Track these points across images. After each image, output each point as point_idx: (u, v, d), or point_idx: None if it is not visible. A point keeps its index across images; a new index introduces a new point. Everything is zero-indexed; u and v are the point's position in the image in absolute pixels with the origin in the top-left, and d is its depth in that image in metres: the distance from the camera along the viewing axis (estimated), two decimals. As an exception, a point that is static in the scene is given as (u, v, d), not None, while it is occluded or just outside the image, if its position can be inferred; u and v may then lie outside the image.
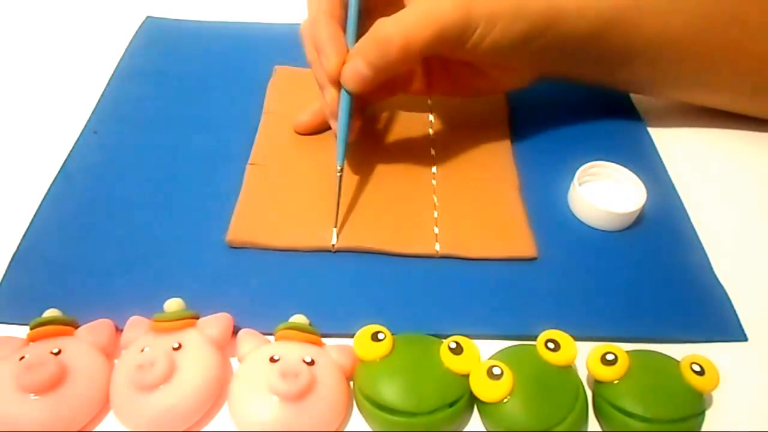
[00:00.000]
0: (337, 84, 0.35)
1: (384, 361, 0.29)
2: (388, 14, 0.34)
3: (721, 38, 0.39)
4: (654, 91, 0.44)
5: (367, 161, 0.40)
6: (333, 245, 0.35)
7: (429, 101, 0.45)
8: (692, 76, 0.42)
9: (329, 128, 0.40)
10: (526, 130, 0.43)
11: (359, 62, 0.34)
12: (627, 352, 0.29)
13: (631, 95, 0.47)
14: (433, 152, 0.41)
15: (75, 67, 0.48)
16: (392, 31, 0.33)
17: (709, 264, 0.35)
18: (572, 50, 0.39)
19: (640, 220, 0.37)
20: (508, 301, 0.33)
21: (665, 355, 0.30)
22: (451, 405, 0.28)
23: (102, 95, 0.45)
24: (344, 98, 0.35)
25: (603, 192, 0.38)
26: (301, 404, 0.27)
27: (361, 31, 0.35)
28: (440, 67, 0.40)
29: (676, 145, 0.43)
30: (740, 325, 0.33)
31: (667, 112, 0.46)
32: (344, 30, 0.36)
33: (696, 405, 0.28)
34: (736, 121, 0.45)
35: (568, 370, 0.29)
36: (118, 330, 0.31)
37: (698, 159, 0.43)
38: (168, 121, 0.43)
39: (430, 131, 0.43)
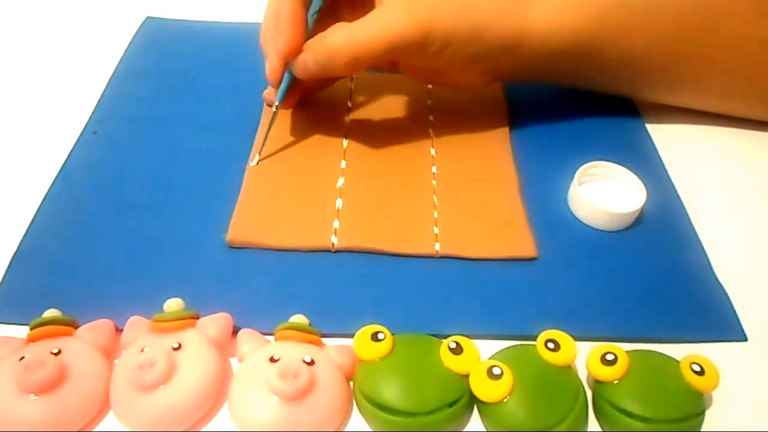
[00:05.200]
0: (283, 61, 0.37)
1: (384, 361, 0.29)
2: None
3: (693, 52, 0.39)
4: (637, 96, 0.45)
5: (367, 161, 0.40)
6: (333, 245, 0.35)
7: (429, 101, 0.45)
8: (672, 86, 0.42)
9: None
10: (526, 130, 0.43)
11: (309, 59, 0.36)
12: (627, 352, 0.29)
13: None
14: (433, 152, 0.41)
15: (75, 67, 0.48)
16: (343, 46, 0.34)
17: (709, 264, 0.35)
18: (544, 66, 0.39)
19: (640, 220, 0.37)
20: (508, 301, 0.33)
21: (665, 355, 0.30)
22: (451, 405, 0.28)
23: (102, 95, 0.45)
24: (288, 74, 0.38)
25: (603, 192, 0.38)
26: (301, 404, 0.27)
27: (325, 14, 0.38)
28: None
29: (676, 145, 0.43)
30: (740, 325, 0.33)
31: (667, 112, 0.45)
32: (307, 9, 0.38)
33: (696, 405, 0.28)
34: (736, 121, 0.45)
35: (568, 370, 0.29)
36: (118, 330, 0.31)
37: (698, 159, 0.43)
38: (168, 121, 0.43)
39: (430, 131, 0.43)
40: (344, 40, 0.34)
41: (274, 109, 0.39)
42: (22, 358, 0.28)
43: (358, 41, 0.34)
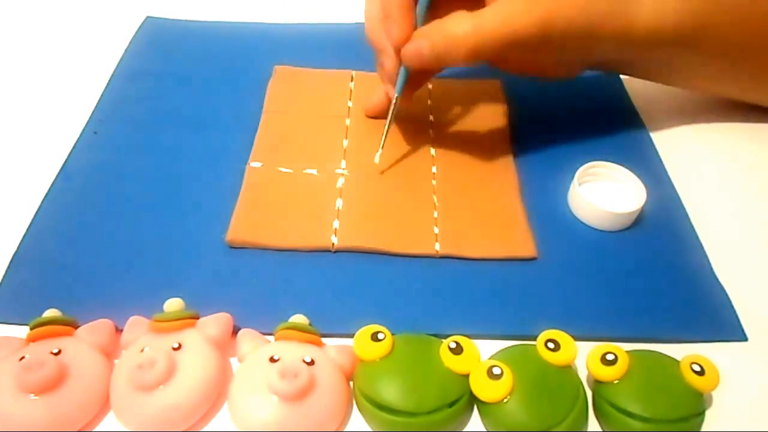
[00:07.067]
0: (398, 53, 0.36)
1: (384, 361, 0.29)
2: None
3: None
4: (694, 88, 0.45)
5: (367, 161, 0.40)
6: (333, 245, 0.35)
7: (429, 101, 0.45)
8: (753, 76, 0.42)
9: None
10: (526, 130, 0.43)
11: (425, 46, 0.34)
12: (627, 352, 0.29)
13: (630, 95, 0.47)
14: (433, 152, 0.41)
15: (75, 67, 0.48)
16: (468, 35, 0.33)
17: (709, 264, 0.35)
18: (639, 61, 0.40)
19: (640, 220, 0.37)
20: (508, 301, 0.33)
21: (665, 355, 0.30)
22: (451, 405, 0.28)
23: (102, 95, 0.45)
24: (403, 69, 0.36)
25: (603, 192, 0.38)
26: (301, 404, 0.27)
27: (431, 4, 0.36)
28: None
29: (676, 145, 0.43)
30: (740, 325, 0.33)
31: (667, 112, 0.46)
32: None
33: (696, 405, 0.28)
34: (737, 121, 0.45)
35: (568, 370, 0.29)
36: (118, 330, 0.31)
37: (698, 159, 0.43)
38: (168, 121, 0.43)
39: (430, 131, 0.43)
40: (469, 29, 0.33)
41: (393, 101, 0.38)
42: (22, 358, 0.28)
43: (484, 32, 0.33)
